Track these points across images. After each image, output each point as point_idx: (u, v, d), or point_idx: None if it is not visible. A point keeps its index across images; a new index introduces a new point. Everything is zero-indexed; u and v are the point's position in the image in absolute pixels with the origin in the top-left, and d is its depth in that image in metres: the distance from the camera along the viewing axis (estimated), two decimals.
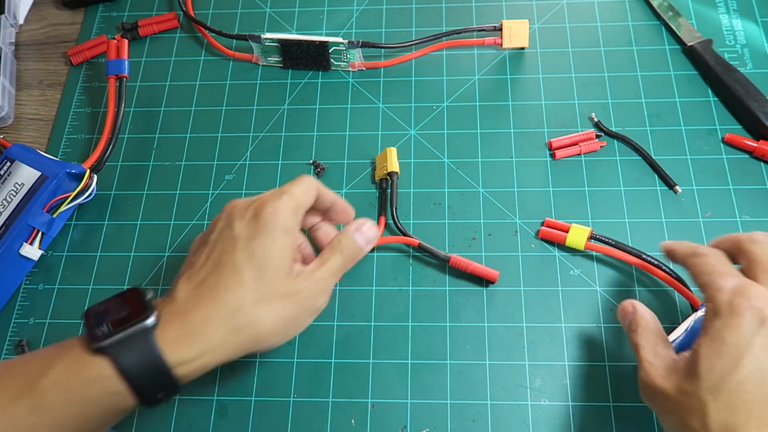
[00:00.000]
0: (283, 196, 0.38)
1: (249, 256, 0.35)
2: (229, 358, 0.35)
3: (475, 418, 0.43)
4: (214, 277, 0.35)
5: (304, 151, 0.54)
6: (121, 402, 0.33)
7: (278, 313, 0.36)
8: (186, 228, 0.51)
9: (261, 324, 0.35)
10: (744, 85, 0.52)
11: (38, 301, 0.49)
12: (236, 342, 0.35)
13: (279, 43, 0.56)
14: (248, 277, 0.35)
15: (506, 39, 0.54)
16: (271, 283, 0.35)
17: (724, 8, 0.58)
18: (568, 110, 0.54)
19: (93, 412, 0.32)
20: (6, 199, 0.48)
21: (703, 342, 0.32)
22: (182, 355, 0.33)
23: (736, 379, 0.30)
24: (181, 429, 0.44)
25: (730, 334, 0.31)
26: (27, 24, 0.63)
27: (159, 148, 0.55)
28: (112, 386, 0.32)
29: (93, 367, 0.32)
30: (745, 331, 0.31)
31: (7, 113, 0.57)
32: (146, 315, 0.33)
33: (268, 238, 0.36)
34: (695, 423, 0.31)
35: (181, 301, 0.35)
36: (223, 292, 0.35)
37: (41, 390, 0.31)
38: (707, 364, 0.31)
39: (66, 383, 0.32)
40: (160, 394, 0.33)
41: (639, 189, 0.50)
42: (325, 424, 0.43)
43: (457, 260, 0.47)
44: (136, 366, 0.32)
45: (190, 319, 0.34)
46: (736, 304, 0.32)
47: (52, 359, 0.32)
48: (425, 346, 0.45)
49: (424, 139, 0.53)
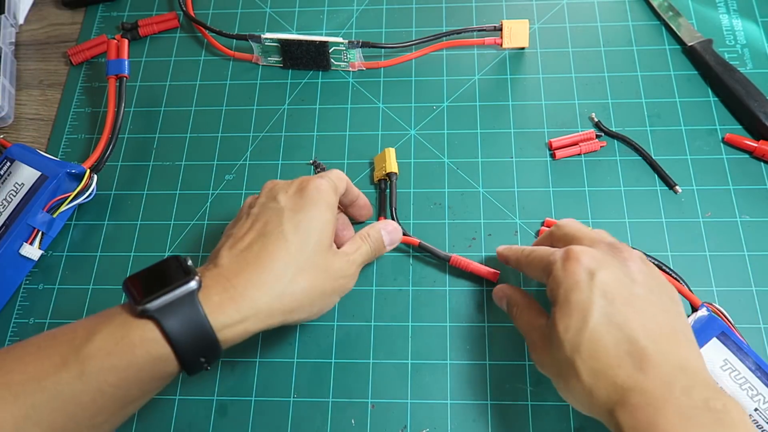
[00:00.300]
0: (324, 177, 0.40)
1: (295, 225, 0.37)
2: (270, 325, 0.36)
3: (475, 418, 0.43)
4: (259, 245, 0.36)
5: (304, 151, 0.54)
6: (163, 367, 0.33)
7: (315, 285, 0.37)
8: (186, 228, 0.51)
9: (300, 293, 0.36)
10: (744, 85, 0.52)
11: (38, 301, 0.49)
12: (279, 308, 0.35)
13: (279, 43, 0.56)
14: (294, 245, 0.36)
15: (506, 39, 0.54)
16: (313, 254, 0.37)
17: (724, 8, 0.58)
18: (568, 110, 0.54)
19: (136, 378, 0.32)
20: (6, 199, 0.48)
21: (555, 310, 0.35)
22: (226, 318, 0.33)
23: (589, 330, 0.33)
24: (181, 429, 0.44)
25: (572, 295, 0.35)
26: (27, 24, 0.63)
27: (159, 148, 0.55)
28: (155, 350, 0.32)
29: (137, 331, 0.32)
30: (582, 287, 0.34)
31: (7, 113, 0.57)
32: (189, 278, 0.34)
33: (314, 210, 0.37)
34: (573, 381, 0.34)
35: (224, 267, 0.35)
36: (268, 258, 0.35)
37: (85, 356, 0.31)
38: (562, 326, 0.34)
39: (110, 348, 0.32)
40: (202, 359, 0.33)
41: (639, 189, 0.50)
42: (325, 424, 0.43)
43: (457, 260, 0.47)
44: (181, 329, 0.32)
45: (234, 283, 0.34)
46: (568, 268, 0.35)
47: (96, 326, 0.33)
48: (425, 346, 0.45)
49: (424, 139, 0.53)
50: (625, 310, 0.34)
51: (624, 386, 0.32)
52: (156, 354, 0.32)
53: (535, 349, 0.38)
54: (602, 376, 0.32)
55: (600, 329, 0.33)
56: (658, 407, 0.30)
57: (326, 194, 0.39)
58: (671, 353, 0.32)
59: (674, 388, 0.31)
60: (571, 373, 0.34)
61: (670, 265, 0.46)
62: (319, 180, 0.39)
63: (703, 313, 0.42)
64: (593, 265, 0.35)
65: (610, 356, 0.33)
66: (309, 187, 0.39)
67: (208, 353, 0.33)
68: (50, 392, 0.31)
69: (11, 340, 0.48)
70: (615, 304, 0.34)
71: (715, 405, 0.30)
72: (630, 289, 0.35)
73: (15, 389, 0.31)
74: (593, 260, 0.36)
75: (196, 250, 0.50)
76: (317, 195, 0.38)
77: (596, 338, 0.33)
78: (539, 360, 0.37)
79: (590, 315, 0.33)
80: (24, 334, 0.48)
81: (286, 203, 0.38)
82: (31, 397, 0.31)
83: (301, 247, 0.36)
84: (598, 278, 0.34)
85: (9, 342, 0.48)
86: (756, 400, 0.39)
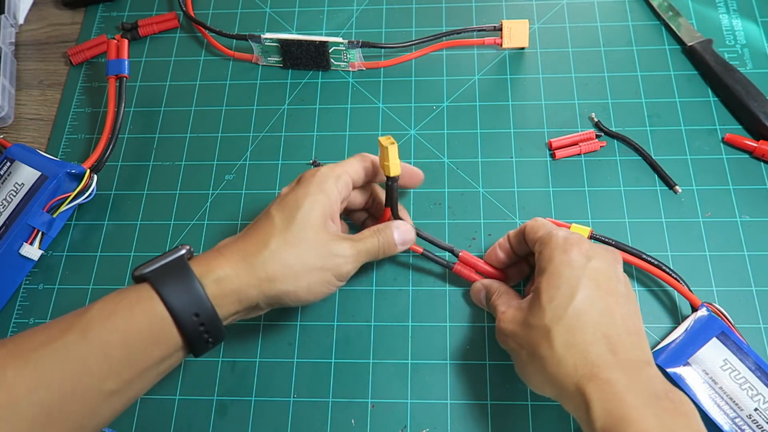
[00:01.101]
0: (330, 164, 0.42)
1: (282, 205, 0.40)
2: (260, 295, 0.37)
3: (475, 418, 0.43)
4: (255, 224, 0.40)
5: (304, 151, 0.54)
6: (162, 329, 0.35)
7: (301, 258, 0.38)
8: (186, 228, 0.51)
9: (283, 263, 0.37)
10: (744, 85, 0.52)
11: (38, 301, 0.49)
12: (264, 274, 0.37)
13: (279, 43, 0.56)
14: (278, 220, 0.39)
15: (506, 39, 0.55)
16: (300, 230, 0.38)
17: (724, 8, 0.58)
18: (568, 110, 0.54)
19: (137, 340, 0.34)
20: (6, 199, 0.48)
21: (543, 279, 0.37)
22: (213, 274, 0.36)
23: (573, 306, 0.36)
24: (181, 429, 0.44)
25: (564, 269, 0.37)
26: (27, 24, 0.63)
27: (159, 148, 0.55)
28: (151, 308, 0.34)
29: (134, 291, 0.35)
30: (576, 266, 0.37)
31: (7, 113, 0.57)
32: (180, 248, 0.37)
33: (301, 191, 0.40)
34: (543, 349, 0.36)
35: (220, 244, 0.40)
36: (253, 232, 0.39)
37: (88, 318, 0.34)
38: (548, 296, 0.36)
39: (111, 309, 0.34)
40: (196, 319, 0.35)
41: (639, 189, 0.50)
42: (325, 424, 0.43)
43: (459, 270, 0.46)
44: (172, 286, 0.35)
45: (223, 252, 0.38)
46: (568, 246, 0.38)
47: (99, 299, 0.35)
48: (425, 346, 0.45)
49: (424, 139, 0.53)
50: (608, 299, 0.36)
51: (595, 363, 0.34)
52: (151, 310, 0.34)
53: (505, 322, 0.39)
54: (575, 350, 0.35)
55: (583, 307, 0.36)
56: (627, 387, 0.33)
57: (320, 177, 0.40)
58: (639, 348, 0.35)
59: (641, 375, 0.34)
60: (543, 341, 0.36)
61: (670, 265, 0.46)
62: (319, 168, 0.42)
63: (703, 313, 0.42)
64: (591, 253, 0.38)
65: (587, 334, 0.35)
66: (305, 174, 0.41)
67: (200, 310, 0.35)
68: (58, 354, 0.33)
69: None
70: (601, 291, 0.36)
71: (673, 397, 0.33)
72: (615, 284, 0.37)
73: (26, 356, 0.32)
74: (592, 249, 0.38)
75: (195, 251, 0.50)
76: (309, 178, 0.40)
77: (577, 315, 0.35)
78: (504, 330, 0.39)
79: (578, 292, 0.36)
80: None
81: (285, 191, 0.41)
82: (42, 361, 0.32)
83: (285, 222, 0.38)
84: (592, 264, 0.37)
85: None
86: (756, 400, 0.39)
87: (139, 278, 0.36)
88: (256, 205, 0.52)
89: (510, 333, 0.39)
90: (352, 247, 0.40)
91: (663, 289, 0.46)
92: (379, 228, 0.43)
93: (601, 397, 0.33)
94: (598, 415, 0.32)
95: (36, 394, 0.32)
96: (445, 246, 0.47)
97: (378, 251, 0.42)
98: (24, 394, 0.31)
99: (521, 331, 0.38)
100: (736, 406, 0.39)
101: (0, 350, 0.33)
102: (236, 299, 0.37)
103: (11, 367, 0.32)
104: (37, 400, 0.32)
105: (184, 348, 0.36)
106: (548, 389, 0.36)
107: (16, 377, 0.31)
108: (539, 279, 0.38)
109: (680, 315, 0.45)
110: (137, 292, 0.35)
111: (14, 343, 0.33)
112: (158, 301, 0.34)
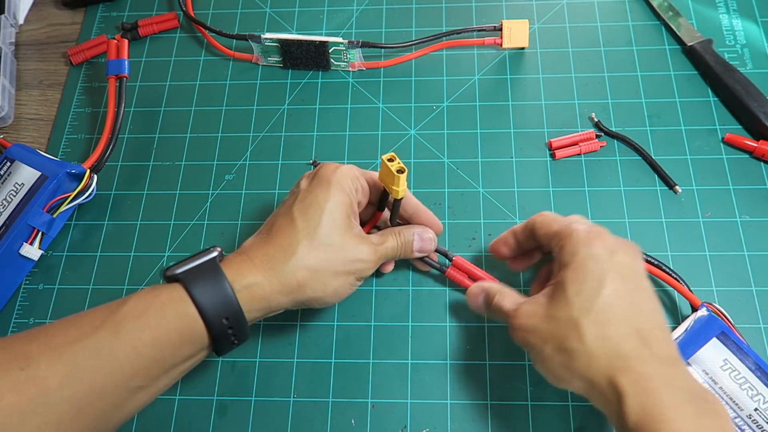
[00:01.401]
0: (349, 164, 0.42)
1: (304, 207, 0.39)
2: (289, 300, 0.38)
3: (475, 418, 0.43)
4: (278, 226, 0.39)
5: (304, 151, 0.54)
6: (191, 328, 0.35)
7: (326, 263, 0.38)
8: (186, 228, 0.51)
9: (310, 269, 0.38)
10: (744, 85, 0.52)
11: (38, 301, 0.49)
12: (293, 281, 0.37)
13: (279, 43, 0.56)
14: (301, 224, 0.38)
15: (506, 39, 0.55)
16: (324, 235, 0.38)
17: (724, 8, 0.58)
18: (568, 110, 0.54)
19: (167, 339, 0.34)
20: (6, 199, 0.48)
21: (568, 273, 0.36)
22: (243, 280, 0.37)
23: (601, 299, 0.34)
24: (181, 429, 0.44)
25: (590, 263, 0.36)
26: (27, 24, 0.63)
27: (159, 148, 0.55)
28: (182, 308, 0.35)
29: (166, 291, 0.35)
30: (601, 260, 0.36)
31: (7, 113, 0.57)
32: (212, 249, 0.38)
33: (320, 191, 0.39)
34: (572, 342, 0.34)
35: (246, 246, 0.39)
36: (280, 236, 0.38)
37: (121, 315, 0.34)
38: (574, 289, 0.35)
39: (143, 307, 0.35)
40: (226, 321, 0.36)
41: (639, 189, 0.50)
42: (325, 424, 0.43)
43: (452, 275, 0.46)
44: (203, 287, 0.35)
45: (251, 256, 0.38)
46: (592, 239, 0.37)
47: (130, 295, 0.36)
48: (425, 346, 0.45)
49: (424, 139, 0.53)
50: (635, 294, 0.35)
51: (628, 356, 0.33)
52: (182, 311, 0.35)
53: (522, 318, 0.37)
54: (607, 343, 0.34)
55: (613, 301, 0.34)
56: (663, 383, 0.32)
57: (339, 176, 0.40)
58: (670, 344, 0.35)
59: (676, 371, 0.33)
60: (572, 334, 0.34)
61: (670, 265, 0.46)
62: (338, 165, 0.41)
63: (703, 313, 0.42)
64: (614, 247, 0.37)
65: (619, 326, 0.34)
66: (323, 170, 0.41)
67: (230, 315, 0.36)
68: (90, 350, 0.33)
69: None
70: (628, 285, 0.35)
71: (708, 397, 0.32)
72: (641, 279, 0.36)
73: (59, 350, 0.33)
74: (615, 242, 0.37)
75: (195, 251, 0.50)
76: (329, 176, 0.40)
77: (608, 308, 0.34)
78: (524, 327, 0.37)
79: (605, 285, 0.35)
80: None
81: (303, 186, 0.41)
82: (74, 356, 0.33)
83: (308, 226, 0.38)
84: (617, 258, 0.36)
85: None
86: (756, 400, 0.39)
87: (171, 278, 0.36)
88: (256, 205, 0.52)
89: (531, 328, 0.37)
90: (375, 252, 0.40)
91: (663, 289, 0.46)
92: (401, 231, 0.43)
93: (636, 391, 0.32)
94: (633, 409, 0.31)
95: (67, 389, 0.32)
96: (440, 249, 0.47)
97: (396, 254, 0.43)
98: (56, 389, 0.32)
99: (544, 325, 0.36)
100: (736, 406, 0.39)
101: (33, 342, 0.33)
102: (266, 305, 0.38)
103: (44, 360, 0.32)
104: (68, 395, 0.32)
105: (209, 347, 0.37)
106: (576, 383, 0.35)
107: (49, 371, 0.32)
108: (563, 272, 0.36)
109: (680, 315, 0.45)
110: (170, 291, 0.35)
111: (46, 336, 0.33)
112: (189, 303, 0.35)
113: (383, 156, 0.39)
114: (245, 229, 0.51)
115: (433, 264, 0.46)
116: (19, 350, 0.33)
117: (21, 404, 0.31)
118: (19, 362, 0.32)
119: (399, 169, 0.39)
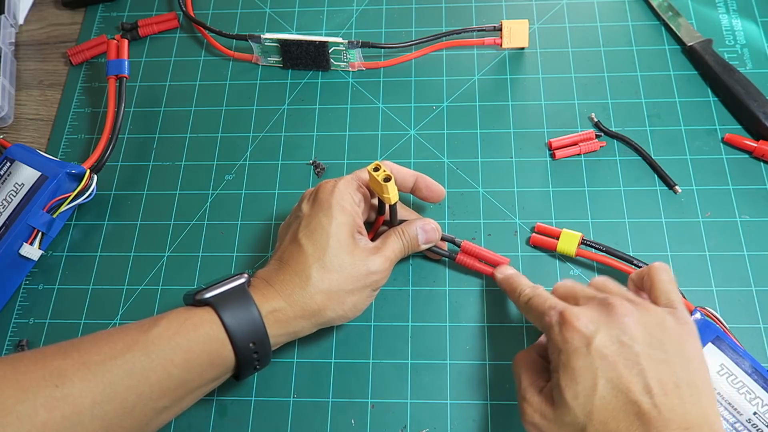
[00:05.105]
0: (347, 176, 0.43)
1: (309, 232, 0.40)
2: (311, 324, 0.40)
3: (475, 418, 0.43)
4: (288, 252, 0.41)
5: (304, 151, 0.54)
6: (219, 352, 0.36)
7: (340, 284, 0.39)
8: (186, 228, 0.51)
9: (326, 292, 0.39)
10: (744, 85, 0.52)
11: (38, 301, 0.49)
12: (313, 306, 0.39)
13: (279, 43, 0.56)
14: (310, 250, 0.40)
15: (506, 39, 0.55)
16: (334, 256, 0.39)
17: (723, 8, 0.58)
18: (568, 110, 0.54)
19: (197, 361, 0.36)
20: (6, 199, 0.48)
21: (560, 376, 0.35)
22: (269, 305, 0.38)
23: (598, 396, 0.33)
24: (181, 429, 0.44)
25: (574, 361, 0.34)
26: (27, 24, 0.63)
27: (159, 148, 0.55)
28: (213, 331, 0.36)
29: (198, 313, 0.37)
30: (581, 354, 0.34)
31: (7, 113, 0.57)
32: (240, 275, 0.39)
33: (322, 216, 0.40)
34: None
35: (267, 271, 0.41)
36: (294, 263, 0.40)
37: (154, 336, 0.35)
38: (570, 393, 0.34)
39: (175, 329, 0.36)
40: (252, 346, 0.37)
41: (639, 189, 0.50)
42: (325, 424, 0.44)
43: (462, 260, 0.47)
44: (232, 312, 0.37)
45: (273, 281, 0.39)
46: (565, 334, 0.35)
47: (162, 316, 0.37)
48: (425, 346, 0.45)
49: (424, 139, 0.54)
50: (627, 373, 0.34)
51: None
52: (213, 335, 0.36)
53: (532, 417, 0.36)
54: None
55: (607, 396, 0.33)
56: None
57: (338, 196, 0.41)
58: (675, 410, 0.33)
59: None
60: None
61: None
62: (335, 183, 0.42)
63: (696, 317, 0.42)
64: (590, 329, 0.35)
65: (620, 420, 0.33)
66: (319, 192, 0.42)
67: (257, 339, 0.37)
68: (124, 370, 0.34)
69: (11, 340, 0.48)
70: (617, 368, 0.34)
71: None
72: (629, 349, 0.34)
73: (93, 368, 0.33)
74: (589, 322, 0.35)
75: (195, 251, 0.50)
76: (328, 198, 0.41)
77: (605, 405, 0.33)
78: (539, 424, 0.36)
79: (596, 382, 0.34)
80: (24, 334, 0.48)
81: (305, 210, 0.42)
82: (108, 375, 0.33)
83: (317, 250, 0.39)
84: (595, 343, 0.34)
85: (9, 342, 0.48)
86: (754, 404, 0.39)
87: (201, 302, 0.37)
88: (256, 205, 0.52)
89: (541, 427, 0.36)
90: (385, 261, 0.41)
91: None
92: (404, 230, 0.43)
93: None
94: None
95: (100, 408, 0.33)
96: (446, 236, 0.47)
97: (403, 253, 0.43)
98: (89, 407, 0.32)
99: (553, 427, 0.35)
100: (735, 410, 0.39)
101: (66, 359, 0.33)
102: (290, 330, 0.39)
103: (78, 378, 0.33)
104: (99, 413, 0.33)
105: (233, 370, 0.38)
106: None
107: (83, 389, 0.32)
108: (555, 375, 0.35)
109: None
110: (200, 315, 0.37)
111: (79, 352, 0.34)
112: (219, 326, 0.36)
113: (368, 167, 0.40)
114: (245, 229, 0.51)
115: (443, 252, 0.47)
116: (53, 366, 0.33)
117: (54, 422, 0.31)
118: (53, 379, 0.32)
119: (385, 178, 0.39)
